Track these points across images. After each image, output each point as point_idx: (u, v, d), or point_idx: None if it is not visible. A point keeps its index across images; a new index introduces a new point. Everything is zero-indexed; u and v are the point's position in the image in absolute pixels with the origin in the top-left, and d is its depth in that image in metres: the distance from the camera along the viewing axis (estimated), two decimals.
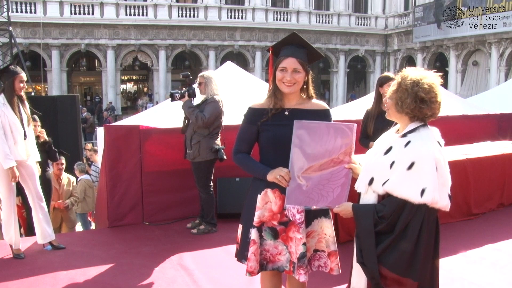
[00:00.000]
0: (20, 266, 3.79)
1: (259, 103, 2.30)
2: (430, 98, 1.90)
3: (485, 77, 22.18)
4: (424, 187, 1.83)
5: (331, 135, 2.08)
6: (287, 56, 2.21)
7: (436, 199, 1.84)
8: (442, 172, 1.89)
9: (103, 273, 3.66)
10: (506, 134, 6.77)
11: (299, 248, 2.20)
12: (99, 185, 5.57)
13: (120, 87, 26.25)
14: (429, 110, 1.92)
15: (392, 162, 1.91)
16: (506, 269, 3.76)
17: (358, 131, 4.11)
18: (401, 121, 2.02)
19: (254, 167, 2.30)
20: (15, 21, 18.83)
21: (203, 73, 4.60)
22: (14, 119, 3.85)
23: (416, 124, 1.96)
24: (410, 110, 1.92)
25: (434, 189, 1.83)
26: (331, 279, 3.53)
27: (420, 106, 1.90)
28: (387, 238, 1.90)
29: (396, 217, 1.88)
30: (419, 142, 1.89)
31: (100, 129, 8.08)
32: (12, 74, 3.90)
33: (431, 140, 1.92)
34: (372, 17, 28.27)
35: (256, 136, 2.33)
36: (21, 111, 3.97)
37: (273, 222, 2.24)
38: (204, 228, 4.58)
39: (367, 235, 1.95)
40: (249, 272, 2.29)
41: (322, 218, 2.33)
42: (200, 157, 4.43)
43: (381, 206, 1.94)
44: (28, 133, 3.98)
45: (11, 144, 3.82)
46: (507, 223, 4.91)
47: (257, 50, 25.83)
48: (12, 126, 3.83)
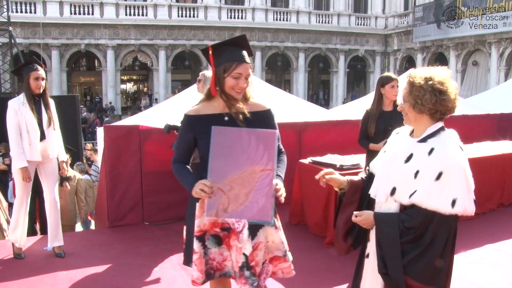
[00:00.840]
0: (20, 266, 3.79)
1: (194, 109, 2.17)
2: (446, 89, 1.85)
3: (485, 77, 22.18)
4: (455, 198, 1.77)
5: (252, 142, 1.94)
6: (241, 62, 2.08)
7: (469, 209, 1.80)
8: (469, 180, 1.84)
9: (103, 273, 3.66)
10: (506, 134, 6.77)
11: (240, 257, 2.10)
12: (99, 185, 5.57)
13: (120, 87, 26.25)
14: (450, 102, 1.86)
15: (417, 172, 1.82)
16: (506, 269, 3.76)
17: (357, 132, 4.10)
18: (420, 122, 1.91)
19: (185, 180, 2.14)
20: (15, 21, 18.82)
21: (204, 71, 4.62)
22: (31, 119, 3.72)
23: (436, 126, 1.89)
24: (432, 105, 1.84)
25: (465, 199, 1.78)
26: (331, 279, 3.53)
27: (441, 98, 1.83)
28: (413, 249, 1.84)
29: (424, 228, 1.81)
30: (444, 150, 1.82)
31: (100, 129, 8.07)
32: (27, 72, 3.74)
33: (455, 146, 1.85)
34: (372, 17, 28.27)
35: (193, 144, 2.21)
36: (41, 111, 3.81)
37: (215, 229, 2.14)
38: None
39: (392, 245, 1.86)
40: (193, 281, 2.18)
41: (266, 227, 2.19)
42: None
43: (407, 216, 1.85)
44: (47, 134, 3.83)
45: (25, 144, 3.72)
46: (507, 223, 4.92)
47: (256, 50, 25.82)
48: (28, 126, 3.72)
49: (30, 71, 3.72)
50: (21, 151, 3.70)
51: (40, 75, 3.74)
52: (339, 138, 5.73)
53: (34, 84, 3.72)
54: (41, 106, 3.82)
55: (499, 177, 5.24)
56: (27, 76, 3.71)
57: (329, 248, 4.12)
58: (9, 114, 3.72)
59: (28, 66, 3.77)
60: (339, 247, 2.13)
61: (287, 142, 5.54)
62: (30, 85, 3.72)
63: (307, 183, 4.64)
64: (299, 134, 5.63)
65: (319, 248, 4.16)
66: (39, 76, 3.74)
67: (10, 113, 3.71)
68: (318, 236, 4.37)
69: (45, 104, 3.85)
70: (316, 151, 4.82)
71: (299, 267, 3.84)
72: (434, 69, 1.91)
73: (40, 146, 3.78)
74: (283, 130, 5.57)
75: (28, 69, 3.74)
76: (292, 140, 5.61)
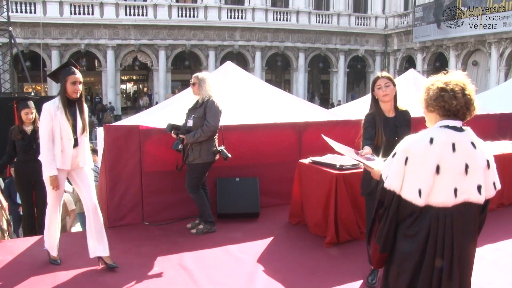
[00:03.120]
0: (20, 266, 3.79)
1: None
2: (452, 88, 1.97)
3: (485, 77, 22.18)
4: (387, 175, 2.03)
5: None
6: None
7: (394, 187, 1.98)
8: (414, 168, 1.95)
9: (103, 273, 3.66)
10: (506, 134, 6.77)
11: None
12: (99, 185, 5.56)
13: (120, 87, 26.25)
14: (453, 99, 1.96)
15: (394, 154, 2.05)
16: (506, 269, 3.76)
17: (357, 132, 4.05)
18: (434, 120, 2.06)
19: None
20: (15, 21, 18.83)
21: (197, 74, 4.60)
22: (66, 125, 3.53)
23: (442, 122, 2.01)
24: (434, 101, 1.99)
25: (393, 177, 1.99)
26: (331, 279, 3.53)
27: (441, 94, 1.97)
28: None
29: (382, 198, 2.09)
30: (412, 136, 2.01)
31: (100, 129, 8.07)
32: (64, 75, 3.52)
33: (423, 135, 1.98)
34: (372, 17, 28.28)
35: None
36: (76, 117, 3.61)
37: None
38: (203, 227, 4.57)
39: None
40: None
41: None
42: (200, 159, 4.43)
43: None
44: (80, 141, 3.65)
45: (57, 151, 3.55)
46: (507, 223, 4.92)
47: (257, 50, 25.83)
48: (62, 132, 3.52)
49: (67, 74, 3.52)
50: (52, 158, 3.54)
51: (77, 79, 3.54)
52: (339, 138, 5.66)
53: (71, 89, 3.52)
54: (76, 112, 3.62)
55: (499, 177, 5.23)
56: (64, 80, 3.51)
57: (329, 248, 4.13)
58: (44, 118, 3.52)
59: (65, 69, 3.56)
60: (380, 260, 2.20)
61: (287, 142, 5.59)
62: (66, 89, 3.52)
63: (307, 183, 4.64)
64: (299, 134, 5.63)
65: (319, 248, 4.16)
66: (77, 80, 3.53)
67: (46, 117, 3.52)
68: (318, 236, 4.37)
69: (80, 110, 3.66)
70: (316, 151, 4.81)
71: (299, 267, 3.85)
72: (450, 74, 2.08)
73: (72, 154, 3.61)
74: (283, 130, 5.62)
75: (65, 72, 3.54)
76: (292, 140, 5.61)
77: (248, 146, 5.32)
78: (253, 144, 5.37)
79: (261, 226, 4.79)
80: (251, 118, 6.10)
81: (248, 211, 5.04)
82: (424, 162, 1.94)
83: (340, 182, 4.16)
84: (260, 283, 3.47)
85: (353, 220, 4.28)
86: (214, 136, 4.50)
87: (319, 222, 4.41)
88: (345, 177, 4.19)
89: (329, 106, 21.25)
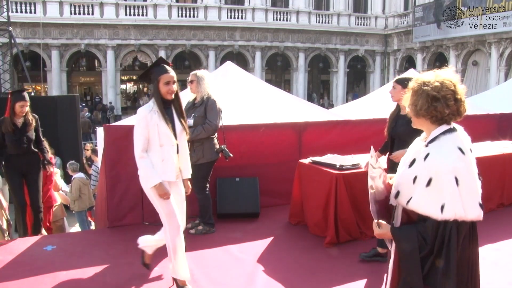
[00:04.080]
0: (20, 266, 3.79)
1: None
2: (443, 95, 1.83)
3: (485, 77, 22.18)
4: (443, 203, 1.77)
5: None
6: None
7: (459, 213, 1.77)
8: (466, 183, 1.80)
9: (103, 273, 3.65)
10: (506, 134, 6.78)
11: None
12: (99, 185, 5.56)
13: (120, 87, 26.25)
14: (446, 108, 1.84)
15: (415, 177, 1.85)
16: (506, 269, 3.76)
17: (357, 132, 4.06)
18: (424, 126, 1.94)
19: None
20: (15, 21, 18.82)
21: (195, 71, 4.59)
22: (166, 130, 3.13)
23: (440, 130, 1.88)
24: (425, 111, 1.86)
25: (454, 204, 1.77)
26: (331, 279, 3.53)
27: (433, 104, 1.84)
28: (429, 258, 1.83)
29: (434, 237, 1.81)
30: (437, 155, 1.82)
31: (100, 129, 8.08)
32: (157, 75, 3.17)
33: (451, 149, 1.83)
34: (372, 17, 28.28)
35: None
36: (174, 120, 3.21)
37: None
38: (202, 228, 4.57)
39: (412, 260, 1.85)
40: None
41: None
42: (204, 158, 4.41)
43: (423, 227, 1.83)
44: (181, 147, 3.25)
45: (157, 161, 3.13)
46: (507, 223, 4.91)
47: (257, 50, 25.83)
48: (162, 138, 3.12)
49: (159, 74, 3.16)
50: (151, 165, 3.12)
51: (171, 78, 3.16)
52: (339, 138, 5.73)
53: (165, 89, 3.13)
54: (173, 114, 3.23)
55: (499, 177, 5.24)
56: (157, 81, 3.15)
57: (329, 248, 4.13)
58: (140, 125, 3.13)
59: (157, 68, 3.21)
60: None
61: (287, 142, 5.59)
62: (160, 90, 3.15)
63: (307, 183, 4.64)
64: (299, 134, 5.63)
65: (319, 248, 4.16)
66: (171, 80, 3.16)
67: (141, 123, 3.13)
68: (318, 236, 4.37)
69: (178, 112, 3.25)
70: (316, 151, 4.82)
71: (299, 267, 3.84)
72: (439, 73, 1.91)
73: (175, 162, 3.21)
74: (283, 130, 5.62)
75: (157, 71, 3.18)
76: (292, 140, 5.61)
77: (248, 146, 5.32)
78: (253, 144, 5.37)
79: (261, 226, 4.79)
80: (251, 118, 6.10)
81: (248, 211, 5.04)
82: (470, 173, 1.83)
83: (340, 182, 4.16)
84: (260, 283, 3.47)
85: (353, 220, 4.28)
86: (214, 134, 4.50)
87: (319, 222, 4.41)
88: (345, 177, 4.19)
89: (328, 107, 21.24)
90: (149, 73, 3.26)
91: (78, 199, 7.25)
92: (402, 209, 1.93)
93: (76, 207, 7.34)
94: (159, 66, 3.23)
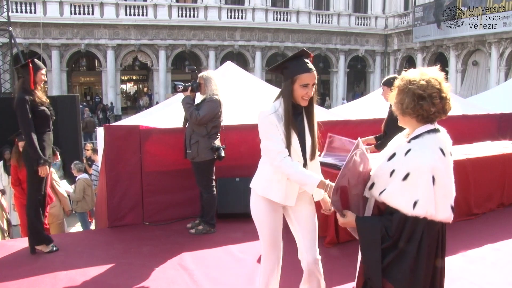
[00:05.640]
0: (20, 266, 3.79)
1: None
2: (429, 94, 1.83)
3: (485, 77, 22.19)
4: (417, 199, 1.78)
5: None
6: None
7: (431, 212, 1.78)
8: (443, 183, 1.81)
9: (103, 273, 3.65)
10: (506, 134, 6.77)
11: None
12: (99, 185, 5.56)
13: (120, 87, 26.26)
14: (432, 106, 1.84)
15: (392, 171, 1.87)
16: (506, 269, 3.76)
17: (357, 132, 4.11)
18: (409, 124, 1.95)
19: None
20: (15, 21, 18.83)
21: (202, 73, 4.60)
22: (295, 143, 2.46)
23: (424, 128, 1.89)
24: (411, 110, 1.86)
25: (427, 201, 1.78)
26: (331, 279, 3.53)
27: (419, 103, 1.84)
28: (390, 252, 1.85)
29: (400, 231, 1.83)
30: (418, 151, 1.83)
31: (100, 129, 8.08)
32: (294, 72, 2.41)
33: (432, 148, 1.83)
34: (372, 17, 28.28)
35: None
36: (305, 130, 2.51)
37: None
38: (203, 228, 4.58)
39: (372, 250, 1.88)
40: None
41: None
42: (199, 157, 4.43)
43: (388, 221, 1.86)
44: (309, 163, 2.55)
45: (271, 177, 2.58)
46: (507, 223, 4.91)
47: (257, 50, 25.83)
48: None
49: (298, 72, 2.40)
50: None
51: (312, 79, 2.39)
52: None
53: (301, 93, 2.40)
54: (304, 123, 2.52)
55: (499, 177, 5.24)
56: (291, 80, 2.42)
57: (329, 248, 4.13)
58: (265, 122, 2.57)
59: (296, 63, 2.44)
60: None
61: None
62: (294, 92, 2.41)
63: None
64: None
65: (319, 248, 4.15)
66: (310, 82, 2.39)
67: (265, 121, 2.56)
68: (318, 236, 4.36)
69: (310, 122, 2.53)
70: None
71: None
72: (425, 71, 1.90)
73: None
74: None
75: (296, 68, 2.42)
76: None
77: (248, 146, 5.32)
78: (253, 144, 5.36)
79: None
80: (251, 118, 6.09)
81: (248, 211, 5.01)
82: (448, 175, 1.84)
83: None
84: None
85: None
86: (206, 132, 4.45)
87: (319, 222, 4.40)
88: None
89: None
90: (284, 66, 2.51)
91: (82, 200, 7.24)
92: (374, 202, 1.97)
93: (78, 208, 7.33)
94: (299, 60, 2.44)
